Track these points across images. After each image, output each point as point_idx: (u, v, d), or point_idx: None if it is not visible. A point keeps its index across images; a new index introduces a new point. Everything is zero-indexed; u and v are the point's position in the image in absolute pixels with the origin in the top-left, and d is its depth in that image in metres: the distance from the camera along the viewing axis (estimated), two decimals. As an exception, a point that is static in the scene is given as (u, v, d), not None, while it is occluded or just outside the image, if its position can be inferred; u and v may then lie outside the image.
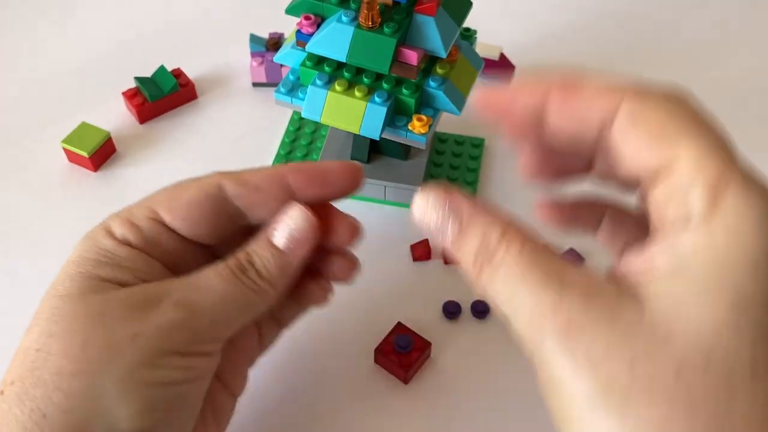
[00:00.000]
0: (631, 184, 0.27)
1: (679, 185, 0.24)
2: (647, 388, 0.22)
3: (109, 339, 0.29)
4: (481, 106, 0.28)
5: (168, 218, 0.32)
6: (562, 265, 0.25)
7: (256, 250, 0.32)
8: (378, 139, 0.41)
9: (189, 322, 0.30)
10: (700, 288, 0.22)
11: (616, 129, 0.26)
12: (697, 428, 0.22)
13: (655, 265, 0.24)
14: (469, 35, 0.47)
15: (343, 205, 0.49)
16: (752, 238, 0.22)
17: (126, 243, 0.32)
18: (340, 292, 0.45)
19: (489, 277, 0.26)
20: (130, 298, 0.30)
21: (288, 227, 0.32)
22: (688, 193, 0.23)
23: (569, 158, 0.29)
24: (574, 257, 0.45)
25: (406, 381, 0.40)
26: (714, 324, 0.22)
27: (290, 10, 0.42)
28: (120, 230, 0.32)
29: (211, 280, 0.31)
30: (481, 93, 0.28)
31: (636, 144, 0.25)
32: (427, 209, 0.28)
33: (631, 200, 0.30)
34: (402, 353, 0.40)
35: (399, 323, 0.42)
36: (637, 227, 0.30)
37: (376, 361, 0.41)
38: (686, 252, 0.23)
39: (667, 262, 0.23)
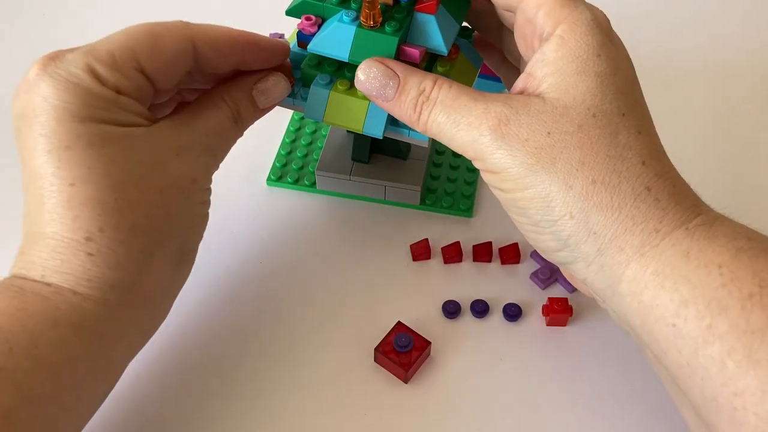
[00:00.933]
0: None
1: (529, 14, 0.36)
2: (563, 144, 0.33)
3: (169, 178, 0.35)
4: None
5: (150, 70, 0.36)
6: (483, 93, 0.35)
7: (245, 107, 0.40)
8: (381, 137, 0.42)
9: (212, 165, 0.39)
10: (570, 73, 0.34)
11: None
12: (600, 157, 0.33)
13: (537, 74, 0.35)
14: (468, 34, 0.47)
15: (344, 206, 0.49)
16: (588, 36, 0.34)
17: (117, 90, 0.35)
18: (340, 292, 0.45)
19: (428, 112, 0.36)
20: (166, 141, 0.36)
21: (272, 94, 0.41)
22: (535, 18, 0.35)
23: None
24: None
25: (405, 380, 0.41)
26: (589, 93, 0.34)
27: (290, 12, 0.43)
28: (110, 77, 0.35)
29: (222, 129, 0.39)
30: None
31: None
32: (370, 75, 0.37)
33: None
34: (402, 352, 0.40)
35: (399, 323, 0.42)
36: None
37: (376, 360, 0.41)
38: (551, 57, 0.34)
39: (542, 69, 0.35)
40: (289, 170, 0.51)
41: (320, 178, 0.49)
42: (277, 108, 0.44)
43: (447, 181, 0.50)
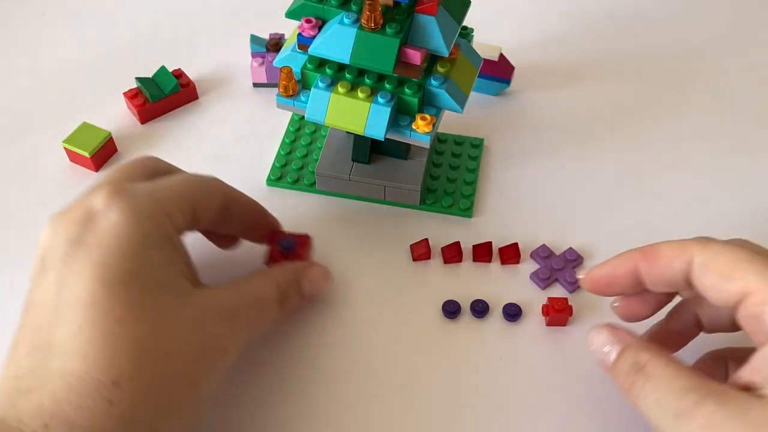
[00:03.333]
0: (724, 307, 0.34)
1: (755, 311, 0.31)
2: None
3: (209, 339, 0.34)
4: (589, 288, 0.38)
5: (200, 217, 0.38)
6: (698, 377, 0.31)
7: (292, 292, 0.40)
8: (383, 139, 0.42)
9: (245, 339, 0.37)
10: None
11: (694, 277, 0.34)
12: None
13: (763, 371, 0.31)
14: (466, 33, 0.47)
15: (344, 206, 0.49)
16: None
17: (180, 234, 0.36)
18: (340, 292, 0.45)
19: (641, 387, 0.33)
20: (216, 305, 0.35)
21: (314, 286, 0.42)
22: (764, 314, 0.31)
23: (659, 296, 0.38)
24: (574, 257, 0.46)
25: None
26: None
27: (290, 14, 0.43)
28: (181, 224, 0.36)
29: (265, 307, 0.38)
30: (588, 277, 0.38)
31: (711, 284, 0.33)
32: (599, 342, 0.36)
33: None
34: (289, 253, 0.43)
35: (270, 232, 0.44)
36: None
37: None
38: None
39: (761, 371, 0.31)
40: (289, 170, 0.51)
41: (320, 179, 0.49)
42: (278, 108, 0.44)
43: (447, 181, 0.50)
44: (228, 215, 0.40)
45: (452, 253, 0.46)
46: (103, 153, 0.51)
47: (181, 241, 0.36)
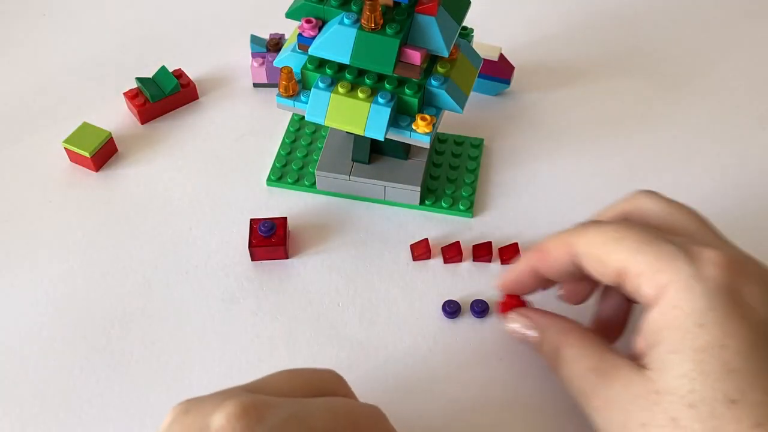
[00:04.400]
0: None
1: (632, 286, 0.33)
2: None
3: None
4: (506, 291, 0.40)
5: None
6: (601, 354, 0.34)
7: None
8: (383, 139, 0.42)
9: None
10: (666, 350, 0.30)
11: (583, 266, 0.35)
12: None
13: (638, 344, 0.33)
14: (466, 33, 0.48)
15: (343, 206, 0.49)
16: (688, 302, 0.30)
17: None
18: (340, 292, 0.45)
19: (559, 369, 0.36)
20: None
21: None
22: (640, 286, 0.32)
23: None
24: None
25: (287, 256, 0.46)
26: (686, 377, 0.29)
27: (290, 14, 0.43)
28: None
29: None
30: (501, 284, 0.40)
31: (594, 270, 0.35)
32: (515, 328, 0.39)
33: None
34: (271, 236, 0.45)
35: (251, 220, 0.46)
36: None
37: (254, 258, 0.46)
38: (649, 330, 0.32)
39: (641, 341, 0.32)
40: (289, 170, 0.51)
41: (320, 179, 0.49)
42: (278, 108, 0.44)
43: (447, 181, 0.50)
44: None
45: (452, 253, 0.46)
46: (104, 153, 0.51)
47: None
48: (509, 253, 0.46)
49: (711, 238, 0.35)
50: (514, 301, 0.41)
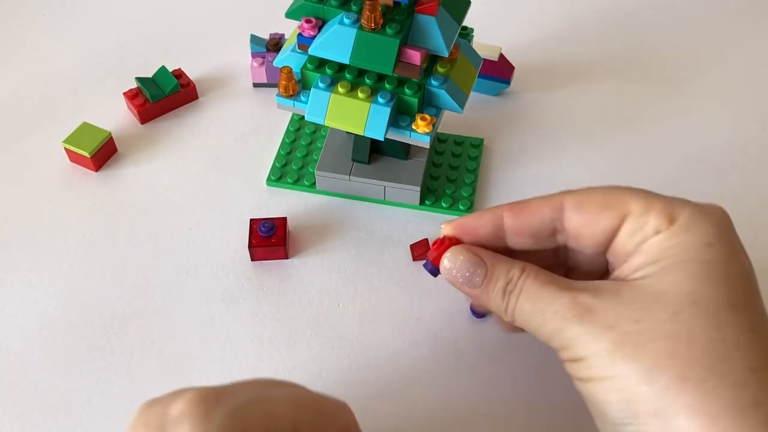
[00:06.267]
0: (593, 252, 0.35)
1: (636, 225, 0.32)
2: (652, 333, 0.29)
3: None
4: (448, 232, 0.37)
5: None
6: (570, 281, 0.33)
7: None
8: (383, 139, 0.42)
9: None
10: (671, 261, 0.31)
11: (567, 218, 0.34)
12: (697, 352, 0.28)
13: (633, 262, 0.32)
14: (466, 33, 0.48)
15: (343, 206, 0.49)
16: (701, 227, 0.31)
17: None
18: (340, 292, 0.45)
19: (515, 302, 0.34)
20: None
21: None
22: (644, 226, 0.32)
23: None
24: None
25: (286, 256, 0.46)
26: (690, 278, 0.30)
27: (290, 14, 0.43)
28: None
29: None
30: (451, 224, 0.37)
31: (586, 219, 0.34)
32: (457, 263, 0.35)
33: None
34: (271, 236, 0.45)
35: (251, 220, 0.46)
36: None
37: (254, 258, 0.46)
38: (655, 248, 0.31)
39: (638, 258, 0.32)
40: (289, 170, 0.51)
41: (320, 179, 0.49)
42: (278, 108, 0.44)
43: (447, 181, 0.50)
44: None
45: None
46: (103, 153, 0.51)
47: None
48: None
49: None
50: (453, 243, 0.37)
